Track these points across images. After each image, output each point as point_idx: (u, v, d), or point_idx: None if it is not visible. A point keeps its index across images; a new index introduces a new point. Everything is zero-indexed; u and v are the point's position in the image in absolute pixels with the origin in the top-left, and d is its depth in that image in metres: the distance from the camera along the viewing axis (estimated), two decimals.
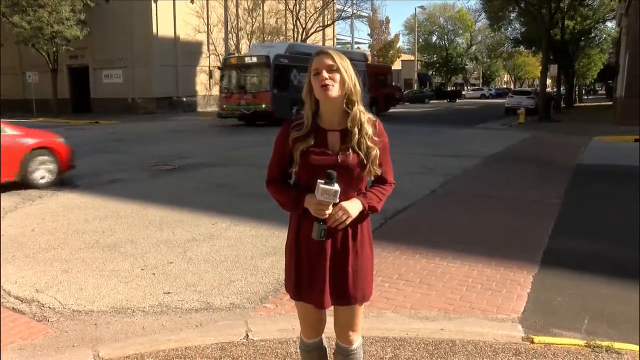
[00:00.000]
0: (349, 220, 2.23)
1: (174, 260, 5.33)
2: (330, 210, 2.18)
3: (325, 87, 2.17)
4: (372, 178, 2.33)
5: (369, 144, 2.23)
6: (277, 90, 22.44)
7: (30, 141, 9.56)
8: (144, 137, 18.11)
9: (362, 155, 2.22)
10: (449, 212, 7.42)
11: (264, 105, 22.25)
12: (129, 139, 17.88)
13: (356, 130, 2.22)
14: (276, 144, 2.35)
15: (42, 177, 9.44)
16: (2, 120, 10.03)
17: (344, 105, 2.23)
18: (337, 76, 2.18)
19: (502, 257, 5.31)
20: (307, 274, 2.34)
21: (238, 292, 4.50)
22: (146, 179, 10.35)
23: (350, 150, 2.22)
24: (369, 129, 2.24)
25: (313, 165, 2.21)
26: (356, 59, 27.51)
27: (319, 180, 2.14)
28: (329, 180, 2.12)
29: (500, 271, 4.93)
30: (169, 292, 4.51)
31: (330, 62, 2.18)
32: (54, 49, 30.24)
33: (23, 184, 9.12)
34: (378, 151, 2.26)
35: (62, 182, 9.67)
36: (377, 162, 2.27)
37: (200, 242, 5.94)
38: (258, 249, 5.72)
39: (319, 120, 2.28)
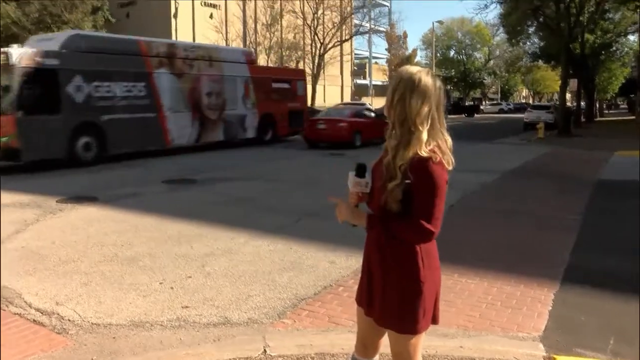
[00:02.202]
0: (340, 218, 2.32)
1: (192, 275, 5.35)
2: (354, 200, 2.31)
3: None
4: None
5: (392, 172, 2.16)
6: (27, 112, 13.13)
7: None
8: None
9: (386, 180, 2.18)
10: (467, 228, 7.35)
11: (3, 139, 12.92)
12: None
13: (393, 153, 2.20)
14: None
15: None
16: None
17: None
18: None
19: (522, 273, 5.24)
20: (362, 279, 2.47)
21: (256, 307, 4.50)
22: (164, 192, 10.44)
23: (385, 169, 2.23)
24: (401, 161, 2.15)
25: None
26: (230, 60, 19.93)
27: None
28: (354, 171, 2.29)
29: (520, 288, 4.86)
30: (187, 307, 4.52)
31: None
32: None
33: None
34: (395, 187, 2.14)
35: None
36: (387, 196, 2.17)
37: (219, 257, 5.96)
38: (276, 264, 5.71)
39: None
